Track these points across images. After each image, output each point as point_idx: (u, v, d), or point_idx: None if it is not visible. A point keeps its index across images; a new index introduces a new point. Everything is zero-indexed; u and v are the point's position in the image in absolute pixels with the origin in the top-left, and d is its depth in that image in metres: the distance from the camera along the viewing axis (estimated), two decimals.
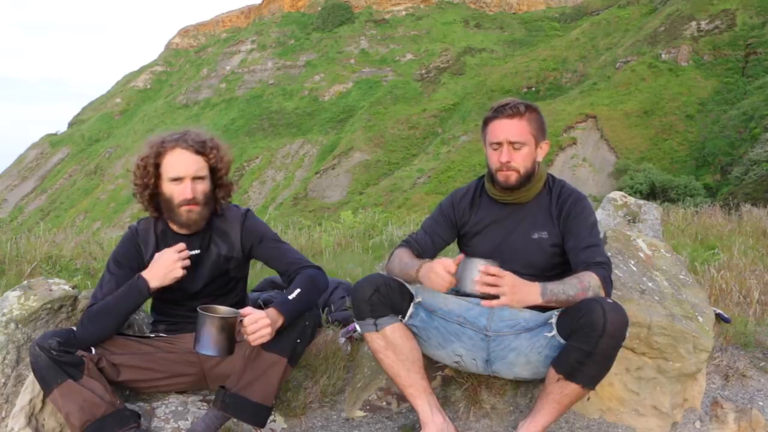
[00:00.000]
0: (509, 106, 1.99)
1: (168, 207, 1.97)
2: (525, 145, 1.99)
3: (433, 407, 1.99)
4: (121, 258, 2.03)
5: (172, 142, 1.95)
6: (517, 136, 1.98)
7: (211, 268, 2.06)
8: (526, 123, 2.00)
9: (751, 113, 41.09)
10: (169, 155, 1.94)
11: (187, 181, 1.94)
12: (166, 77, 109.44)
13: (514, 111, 1.99)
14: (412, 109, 70.00)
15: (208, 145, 1.99)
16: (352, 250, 6.01)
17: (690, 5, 56.55)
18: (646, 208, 3.70)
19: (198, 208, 1.96)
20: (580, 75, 62.82)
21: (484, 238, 2.10)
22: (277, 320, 1.82)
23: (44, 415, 1.96)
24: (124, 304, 1.90)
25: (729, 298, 3.43)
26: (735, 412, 2.20)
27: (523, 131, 1.99)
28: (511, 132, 1.98)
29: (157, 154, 1.94)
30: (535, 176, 2.05)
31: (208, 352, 1.74)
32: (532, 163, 2.02)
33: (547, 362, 1.88)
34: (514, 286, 1.68)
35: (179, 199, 1.94)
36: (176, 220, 1.99)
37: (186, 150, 1.95)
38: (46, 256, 4.26)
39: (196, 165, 1.96)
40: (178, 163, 1.94)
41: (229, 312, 1.81)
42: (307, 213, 42.50)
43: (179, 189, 1.94)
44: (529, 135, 2.00)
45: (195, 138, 1.97)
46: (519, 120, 1.99)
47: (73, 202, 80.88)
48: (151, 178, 1.95)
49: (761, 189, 26.34)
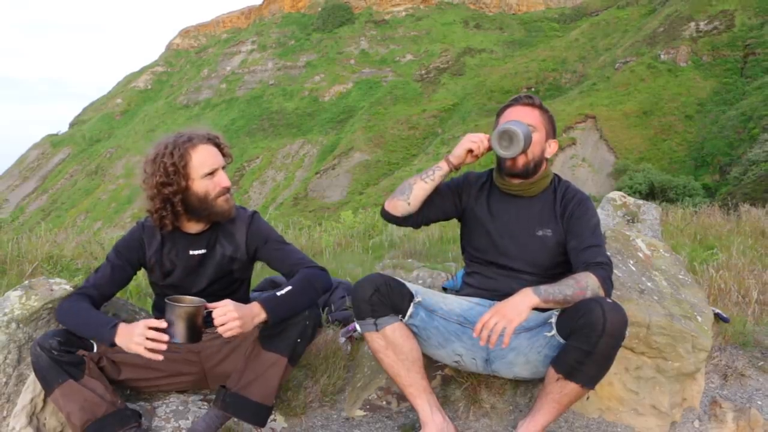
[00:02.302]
0: (527, 97, 2.08)
1: (203, 204, 1.96)
2: (536, 131, 2.03)
3: (433, 407, 1.99)
4: (122, 249, 2.04)
5: (188, 141, 1.95)
6: (530, 119, 2.04)
7: (215, 269, 2.06)
8: (539, 113, 2.07)
9: (750, 114, 41.11)
10: (196, 153, 1.94)
11: (220, 171, 1.97)
12: (166, 78, 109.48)
13: (530, 101, 2.08)
14: (412, 109, 70.03)
15: (216, 136, 2.03)
16: (352, 250, 6.02)
17: (689, 6, 56.58)
18: (645, 208, 3.70)
19: (230, 195, 2.00)
20: (580, 75, 62.84)
21: (487, 229, 2.10)
22: (259, 314, 1.79)
23: (45, 414, 1.96)
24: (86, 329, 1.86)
25: (728, 298, 3.43)
26: (733, 411, 2.21)
27: (537, 119, 2.05)
28: (526, 116, 2.04)
29: (182, 156, 1.92)
30: (542, 169, 2.08)
31: (174, 340, 1.75)
32: (540, 151, 2.05)
33: (546, 362, 1.88)
34: (500, 310, 1.70)
35: (217, 190, 1.95)
36: (216, 212, 1.98)
37: (208, 144, 1.97)
38: (47, 256, 4.26)
39: (220, 156, 1.99)
40: (208, 157, 1.95)
41: (195, 301, 1.81)
42: (307, 213, 42.51)
43: (214, 182, 1.95)
44: (542, 125, 2.06)
45: (206, 133, 2.00)
46: (533, 108, 2.07)
47: (74, 202, 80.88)
48: (183, 181, 1.92)
49: (760, 189, 26.33)
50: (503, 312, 1.69)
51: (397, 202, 2.10)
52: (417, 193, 2.08)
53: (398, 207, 2.11)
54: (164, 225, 1.98)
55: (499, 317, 1.68)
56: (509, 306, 1.71)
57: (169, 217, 1.96)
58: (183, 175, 1.92)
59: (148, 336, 1.73)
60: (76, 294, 1.95)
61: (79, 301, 1.91)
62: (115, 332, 1.78)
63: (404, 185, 2.11)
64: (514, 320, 1.67)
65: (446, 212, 2.18)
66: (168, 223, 1.97)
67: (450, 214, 2.19)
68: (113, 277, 2.00)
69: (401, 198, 2.09)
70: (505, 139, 1.95)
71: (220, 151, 2.01)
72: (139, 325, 1.76)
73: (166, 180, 1.91)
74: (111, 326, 1.80)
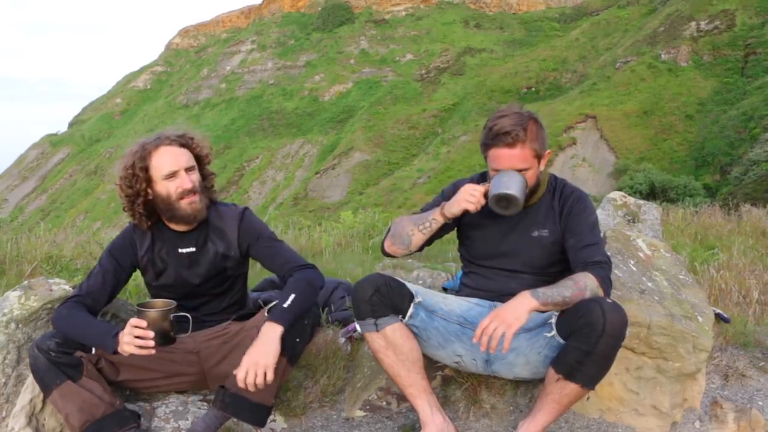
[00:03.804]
0: (510, 135, 1.88)
1: (167, 206, 1.96)
2: (529, 169, 1.94)
3: (433, 407, 1.99)
4: (115, 251, 2.04)
5: (153, 143, 1.96)
6: (520, 164, 1.92)
7: (208, 266, 2.05)
8: (528, 147, 1.91)
9: (751, 113, 41.12)
10: (156, 155, 1.94)
11: (182, 173, 1.95)
12: (166, 77, 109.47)
13: (515, 139, 1.89)
14: (412, 109, 70.02)
15: (187, 136, 2.01)
16: (352, 250, 6.01)
17: (689, 5, 56.58)
18: (646, 208, 3.70)
19: (197, 197, 1.98)
20: (580, 75, 62.83)
21: (483, 233, 2.10)
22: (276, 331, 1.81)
23: (45, 414, 1.96)
24: (88, 338, 1.86)
25: (728, 298, 3.43)
26: (734, 411, 2.20)
27: (526, 158, 1.91)
28: (514, 161, 1.92)
29: (143, 158, 1.94)
30: (538, 186, 2.03)
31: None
32: (535, 180, 1.99)
33: (546, 362, 1.88)
34: (499, 315, 1.69)
35: (178, 192, 1.94)
36: (179, 215, 1.97)
37: (170, 145, 1.96)
38: (46, 256, 4.25)
39: (185, 156, 1.98)
40: (168, 158, 1.95)
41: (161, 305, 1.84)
42: (307, 213, 42.48)
43: (175, 183, 1.94)
44: (532, 159, 1.94)
45: (173, 134, 1.99)
46: (521, 147, 1.90)
47: (73, 202, 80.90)
48: (143, 184, 1.94)
49: (761, 189, 26.33)
50: (502, 317, 1.69)
51: (397, 249, 2.10)
52: (416, 242, 2.07)
53: (399, 252, 2.11)
54: (141, 224, 2.00)
55: (499, 322, 1.68)
56: (508, 311, 1.70)
57: (138, 218, 1.98)
58: (143, 178, 1.93)
59: (135, 334, 1.74)
60: (72, 302, 1.93)
61: (77, 310, 1.90)
62: (118, 341, 1.79)
63: (402, 233, 2.06)
64: (513, 325, 1.67)
65: (447, 230, 2.16)
66: (142, 223, 1.99)
67: (450, 229, 2.16)
68: (105, 286, 1.99)
69: (401, 246, 2.08)
70: (502, 202, 1.89)
71: (191, 151, 2.00)
72: (126, 326, 1.78)
73: (128, 183, 1.94)
74: (113, 335, 1.80)
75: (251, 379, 1.74)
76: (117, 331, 1.81)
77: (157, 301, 1.89)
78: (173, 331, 1.82)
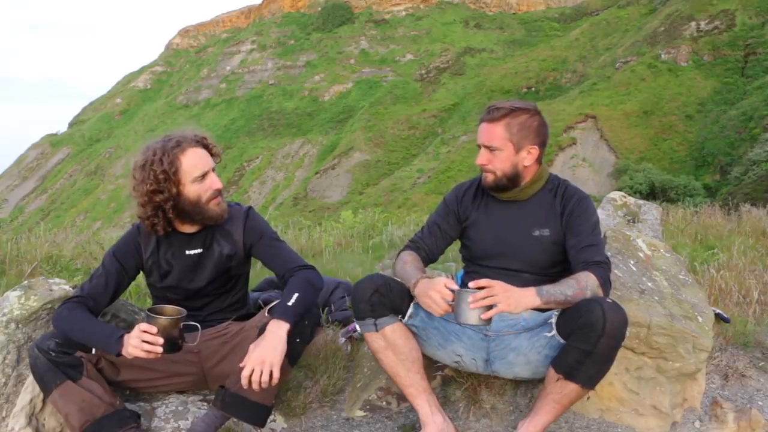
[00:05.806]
0: (492, 108, 2.00)
1: (197, 208, 1.94)
2: (500, 150, 1.98)
3: (433, 407, 1.99)
4: (118, 254, 2.02)
5: (180, 145, 1.92)
6: (490, 140, 1.99)
7: (213, 268, 2.05)
8: (503, 128, 1.97)
9: (751, 113, 41.09)
10: (186, 158, 1.92)
11: (211, 174, 1.95)
12: (166, 77, 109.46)
13: (493, 115, 1.99)
14: (412, 109, 70.01)
15: (202, 137, 2.01)
16: (352, 250, 6.02)
17: (689, 5, 56.54)
18: (646, 208, 3.70)
19: (222, 198, 1.99)
20: (580, 75, 62.82)
21: (484, 234, 2.10)
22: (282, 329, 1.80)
23: (45, 414, 1.96)
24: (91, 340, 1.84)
25: (728, 298, 3.43)
26: (734, 411, 2.20)
27: (496, 136, 1.98)
28: (486, 137, 2.00)
29: (171, 162, 1.89)
30: (528, 176, 2.04)
31: None
32: (511, 167, 2.00)
33: (546, 362, 1.88)
34: (506, 291, 1.71)
35: (209, 193, 1.94)
36: (208, 216, 1.96)
37: (197, 147, 1.95)
38: (46, 256, 4.26)
39: (209, 158, 1.98)
40: (198, 160, 1.93)
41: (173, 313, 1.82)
42: (307, 213, 42.52)
43: (205, 185, 1.93)
44: (505, 140, 1.97)
45: (192, 135, 1.98)
46: (495, 125, 1.98)
47: (73, 202, 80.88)
48: (174, 187, 1.90)
49: (761, 189, 26.33)
50: (508, 294, 1.70)
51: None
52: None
53: None
54: (156, 230, 1.97)
55: (502, 297, 1.69)
56: (515, 296, 1.72)
57: (161, 224, 1.95)
58: (174, 181, 1.90)
59: (144, 339, 1.73)
60: (73, 302, 1.91)
61: (79, 311, 1.89)
62: (122, 343, 1.78)
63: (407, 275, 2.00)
64: (507, 307, 1.69)
65: (453, 238, 2.20)
66: (160, 228, 1.96)
67: (456, 236, 2.20)
68: (107, 288, 1.97)
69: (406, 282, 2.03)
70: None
71: (209, 152, 1.99)
72: (135, 330, 1.76)
73: (156, 187, 1.89)
74: (117, 337, 1.79)
75: (257, 377, 1.73)
76: (121, 333, 1.79)
77: (167, 307, 1.85)
78: (181, 340, 1.81)
